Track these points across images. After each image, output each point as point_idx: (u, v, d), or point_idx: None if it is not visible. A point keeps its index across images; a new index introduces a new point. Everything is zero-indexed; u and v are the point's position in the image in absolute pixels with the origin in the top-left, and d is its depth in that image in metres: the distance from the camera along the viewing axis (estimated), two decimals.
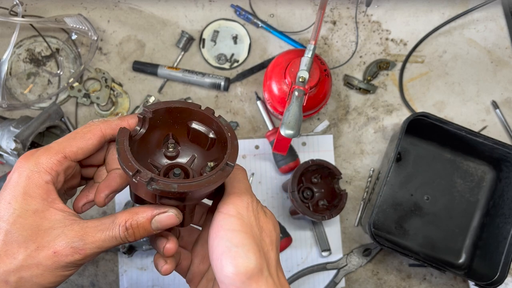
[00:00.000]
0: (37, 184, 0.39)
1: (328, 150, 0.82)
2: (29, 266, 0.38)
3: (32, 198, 0.39)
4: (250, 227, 0.41)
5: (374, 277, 0.81)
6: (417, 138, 0.80)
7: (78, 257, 0.39)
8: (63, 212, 0.40)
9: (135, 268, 0.79)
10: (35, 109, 0.81)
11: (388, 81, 0.84)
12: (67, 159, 0.41)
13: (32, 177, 0.39)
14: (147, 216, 0.41)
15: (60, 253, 0.38)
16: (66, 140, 0.42)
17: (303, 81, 0.68)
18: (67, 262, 0.39)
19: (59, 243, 0.39)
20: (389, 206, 0.80)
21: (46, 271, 0.39)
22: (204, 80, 0.81)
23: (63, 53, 0.83)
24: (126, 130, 0.41)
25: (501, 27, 0.85)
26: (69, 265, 0.40)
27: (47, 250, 0.38)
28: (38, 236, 0.39)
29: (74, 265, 0.40)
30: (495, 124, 0.84)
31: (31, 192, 0.39)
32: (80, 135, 0.42)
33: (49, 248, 0.38)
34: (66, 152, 0.41)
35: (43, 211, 0.39)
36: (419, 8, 0.85)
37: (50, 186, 0.40)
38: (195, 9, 0.84)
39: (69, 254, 0.39)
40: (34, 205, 0.39)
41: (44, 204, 0.39)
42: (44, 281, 0.39)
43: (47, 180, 0.40)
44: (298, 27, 0.84)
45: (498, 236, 0.74)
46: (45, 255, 0.38)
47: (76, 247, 0.39)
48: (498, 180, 0.79)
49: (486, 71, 0.85)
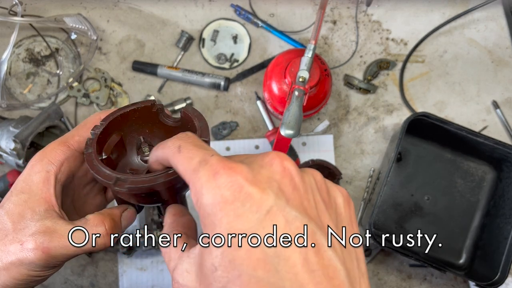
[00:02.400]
0: (37, 173, 0.40)
1: (328, 150, 0.82)
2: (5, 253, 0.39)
3: (27, 189, 0.40)
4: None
5: (374, 277, 0.81)
6: (417, 138, 0.80)
7: (40, 256, 0.38)
8: (48, 204, 0.40)
9: (135, 268, 0.79)
10: (35, 109, 0.81)
11: (388, 81, 0.84)
12: (70, 148, 0.42)
13: (35, 166, 0.41)
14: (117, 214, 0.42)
15: (25, 246, 0.38)
16: (71, 131, 0.44)
17: (303, 81, 0.68)
18: (29, 259, 0.38)
19: (28, 236, 0.39)
20: (390, 206, 0.80)
21: (12, 265, 0.39)
22: (204, 80, 0.81)
23: (63, 53, 0.82)
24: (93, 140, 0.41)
25: (502, 27, 0.85)
26: (32, 264, 0.39)
27: (17, 241, 0.39)
28: (18, 226, 0.39)
29: (38, 265, 0.39)
30: (496, 124, 0.83)
31: (29, 180, 0.40)
32: (82, 124, 0.44)
33: (19, 240, 0.39)
34: (69, 142, 0.42)
35: (32, 201, 0.40)
36: (420, 7, 0.85)
37: (49, 176, 0.41)
38: (195, 9, 0.84)
39: (32, 250, 0.38)
40: (26, 196, 0.40)
41: (36, 194, 0.40)
42: (10, 275, 0.39)
43: (49, 169, 0.41)
44: (298, 26, 0.84)
45: (499, 236, 0.73)
46: (14, 247, 0.39)
47: (41, 243, 0.38)
48: (498, 180, 0.79)
49: (486, 71, 0.84)
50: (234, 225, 0.27)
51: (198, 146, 0.31)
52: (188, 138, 0.33)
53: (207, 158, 0.29)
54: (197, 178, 0.29)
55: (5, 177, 0.76)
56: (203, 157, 0.30)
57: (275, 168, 0.29)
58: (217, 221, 0.27)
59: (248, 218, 0.27)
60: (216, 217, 0.27)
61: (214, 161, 0.29)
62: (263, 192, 0.28)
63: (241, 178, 0.28)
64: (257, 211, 0.27)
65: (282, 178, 0.29)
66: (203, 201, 0.28)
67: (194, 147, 0.31)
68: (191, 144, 0.32)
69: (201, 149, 0.31)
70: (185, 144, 0.32)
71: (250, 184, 0.28)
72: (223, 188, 0.27)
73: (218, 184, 0.28)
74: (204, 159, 0.29)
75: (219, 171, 0.28)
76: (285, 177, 0.29)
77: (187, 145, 0.32)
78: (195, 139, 0.33)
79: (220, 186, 0.28)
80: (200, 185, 0.28)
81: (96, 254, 0.79)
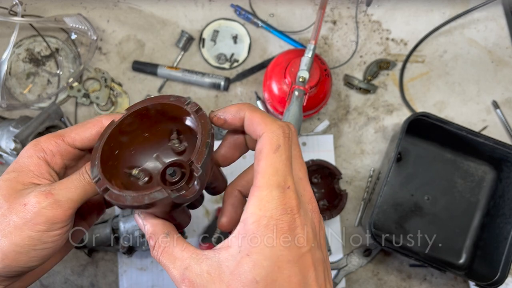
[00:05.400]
0: (29, 157, 0.42)
1: (329, 150, 0.82)
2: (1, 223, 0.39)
3: (18, 168, 0.42)
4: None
5: (374, 277, 0.81)
6: (417, 138, 0.80)
7: (45, 201, 0.39)
8: (41, 179, 0.42)
9: (135, 268, 0.79)
10: (35, 109, 0.81)
11: (388, 81, 0.84)
12: (64, 142, 0.43)
13: (27, 151, 0.42)
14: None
15: (30, 202, 0.39)
16: (70, 127, 0.45)
17: (303, 81, 0.68)
18: (34, 211, 0.38)
19: (29, 196, 0.39)
20: (390, 206, 0.80)
21: (17, 228, 0.39)
22: (204, 80, 0.81)
23: (63, 53, 0.82)
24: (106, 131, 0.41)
25: (502, 27, 0.85)
26: (38, 218, 0.39)
27: (17, 206, 0.39)
28: (11, 196, 0.40)
29: (43, 217, 0.39)
30: (496, 124, 0.83)
31: (21, 162, 0.42)
32: (83, 123, 0.44)
33: (19, 204, 0.39)
34: (64, 136, 0.43)
35: (24, 178, 0.41)
36: (420, 7, 0.85)
37: (41, 162, 0.42)
38: (195, 9, 0.84)
39: (37, 202, 0.39)
40: (17, 174, 0.41)
41: (28, 173, 0.41)
42: (16, 239, 0.39)
43: (40, 156, 0.42)
44: (298, 26, 0.84)
45: (499, 236, 0.73)
46: (16, 211, 0.39)
47: (43, 192, 0.39)
48: (498, 180, 0.79)
49: (486, 71, 0.84)
50: (283, 253, 0.33)
51: (289, 162, 0.36)
52: (286, 139, 0.37)
53: (285, 186, 0.35)
54: (269, 197, 0.34)
55: None
56: (284, 183, 0.35)
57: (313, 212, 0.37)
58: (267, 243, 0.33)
59: (295, 251, 0.34)
60: (266, 239, 0.33)
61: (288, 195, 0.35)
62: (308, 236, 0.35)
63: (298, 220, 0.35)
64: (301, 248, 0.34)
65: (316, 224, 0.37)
66: (257, 218, 0.34)
67: (287, 161, 0.36)
68: (286, 156, 0.36)
69: (289, 172, 0.36)
70: (284, 149, 0.36)
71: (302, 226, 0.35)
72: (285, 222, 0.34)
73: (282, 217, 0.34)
74: (283, 186, 0.35)
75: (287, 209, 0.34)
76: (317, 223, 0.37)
77: (285, 152, 0.36)
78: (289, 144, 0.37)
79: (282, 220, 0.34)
80: (266, 201, 0.34)
81: (96, 254, 0.79)
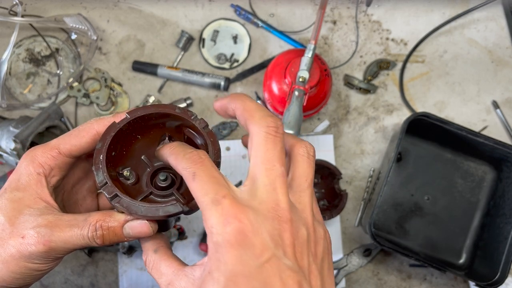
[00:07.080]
0: (29, 175, 0.41)
1: (329, 150, 0.82)
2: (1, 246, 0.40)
3: (22, 187, 0.41)
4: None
5: (374, 277, 0.81)
6: (417, 138, 0.80)
7: (42, 248, 0.39)
8: (46, 203, 0.41)
9: (135, 268, 0.79)
10: (35, 109, 0.81)
11: (388, 81, 0.84)
12: (61, 155, 0.43)
13: (26, 168, 0.42)
14: (120, 220, 0.40)
15: (27, 239, 0.39)
16: (63, 137, 0.44)
17: (303, 81, 0.68)
18: (30, 251, 0.39)
19: (29, 229, 0.39)
20: (390, 206, 0.80)
21: (14, 259, 0.39)
22: (204, 80, 0.81)
23: (63, 53, 0.82)
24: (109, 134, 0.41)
25: (502, 27, 0.85)
26: (33, 256, 0.39)
27: (16, 236, 0.39)
28: (16, 221, 0.40)
29: (38, 257, 0.40)
30: (496, 124, 0.83)
31: (22, 180, 0.42)
32: (76, 132, 0.43)
33: (20, 233, 0.39)
34: (60, 149, 0.43)
35: (29, 199, 0.41)
36: (420, 7, 0.85)
37: (41, 178, 0.42)
38: (195, 9, 0.84)
39: (34, 243, 0.39)
40: (21, 194, 0.41)
41: (31, 193, 0.41)
42: (14, 268, 0.40)
43: (39, 172, 0.42)
44: (298, 26, 0.84)
45: (499, 236, 0.73)
46: (15, 240, 0.39)
47: (42, 236, 0.39)
48: (498, 180, 0.79)
49: (486, 71, 0.84)
50: (235, 268, 0.31)
51: (212, 179, 0.34)
52: (202, 165, 0.35)
53: (219, 199, 0.32)
54: (209, 215, 0.32)
55: (5, 177, 0.76)
56: (215, 196, 0.33)
57: (279, 221, 0.34)
58: (222, 260, 0.32)
59: (249, 264, 0.31)
60: (222, 256, 0.32)
61: (225, 205, 0.32)
62: (264, 244, 0.32)
63: (247, 229, 0.32)
64: (257, 259, 0.31)
65: (283, 233, 0.34)
66: (212, 239, 0.32)
67: (208, 179, 0.34)
68: (206, 175, 0.34)
69: (214, 184, 0.33)
70: (200, 173, 0.34)
71: (254, 235, 0.32)
72: (231, 235, 0.31)
73: (226, 231, 0.32)
74: (216, 199, 0.32)
75: (229, 220, 0.32)
76: (285, 231, 0.34)
77: (201, 175, 0.34)
78: (209, 167, 0.35)
79: (228, 233, 0.32)
80: (211, 224, 0.32)
81: (96, 254, 0.79)
